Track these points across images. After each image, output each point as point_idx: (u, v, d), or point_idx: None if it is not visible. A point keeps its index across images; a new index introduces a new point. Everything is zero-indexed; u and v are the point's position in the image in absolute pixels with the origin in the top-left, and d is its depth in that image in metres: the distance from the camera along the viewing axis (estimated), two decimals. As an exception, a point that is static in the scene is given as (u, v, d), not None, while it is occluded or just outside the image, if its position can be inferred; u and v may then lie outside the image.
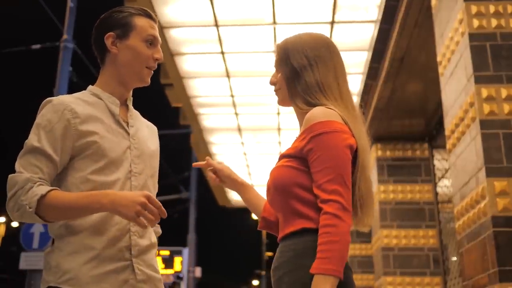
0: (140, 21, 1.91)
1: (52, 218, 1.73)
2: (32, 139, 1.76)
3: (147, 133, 1.99)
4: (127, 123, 1.91)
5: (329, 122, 1.65)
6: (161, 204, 1.65)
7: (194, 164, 2.09)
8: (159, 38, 1.96)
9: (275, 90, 1.89)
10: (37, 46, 10.75)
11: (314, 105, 1.74)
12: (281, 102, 1.89)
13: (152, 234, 1.92)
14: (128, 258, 1.76)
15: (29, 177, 1.70)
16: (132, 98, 2.00)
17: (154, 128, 2.10)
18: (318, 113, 1.68)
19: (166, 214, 1.68)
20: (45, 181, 1.74)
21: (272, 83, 1.89)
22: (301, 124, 1.83)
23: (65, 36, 9.64)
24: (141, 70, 1.91)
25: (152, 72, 1.95)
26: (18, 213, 1.70)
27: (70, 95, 1.89)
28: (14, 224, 26.73)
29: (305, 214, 1.65)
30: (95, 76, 2.08)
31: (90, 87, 1.95)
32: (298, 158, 1.69)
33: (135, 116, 1.98)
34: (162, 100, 9.26)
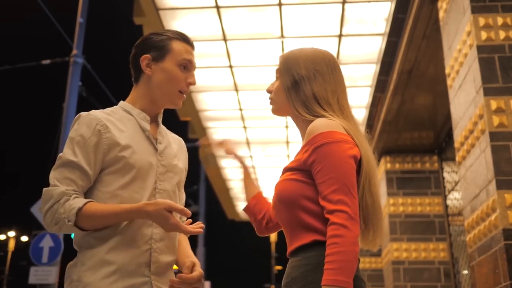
0: (177, 45, 1.95)
1: (90, 228, 1.76)
2: (67, 153, 1.79)
3: (176, 150, 2.02)
4: (156, 140, 1.94)
5: (331, 132, 1.65)
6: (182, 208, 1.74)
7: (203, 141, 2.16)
8: (195, 64, 1.99)
9: (269, 99, 1.91)
10: (47, 61, 10.85)
11: (314, 115, 1.75)
12: (275, 111, 1.91)
13: (175, 250, 1.92)
14: (147, 275, 1.78)
15: (64, 190, 1.74)
16: (162, 116, 2.03)
17: (183, 143, 2.13)
18: (320, 124, 1.68)
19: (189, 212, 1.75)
20: (79, 194, 1.78)
21: (268, 91, 1.91)
22: (302, 133, 1.84)
23: (74, 51, 9.73)
24: (173, 93, 1.95)
25: (184, 96, 1.99)
26: (57, 226, 1.74)
27: (101, 110, 1.93)
28: (24, 238, 26.85)
29: (314, 226, 1.63)
30: (104, 91, 2.11)
31: (121, 102, 1.99)
32: (302, 171, 1.68)
33: (164, 133, 2.01)
34: (170, 114, 9.30)
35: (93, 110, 1.91)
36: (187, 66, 1.96)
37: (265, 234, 2.03)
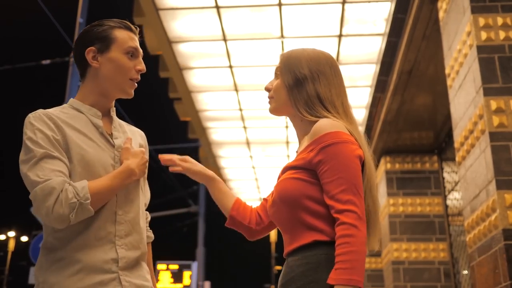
0: (120, 34, 1.91)
1: (97, 206, 1.73)
2: (36, 150, 1.71)
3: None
4: (111, 135, 1.90)
5: (338, 132, 1.65)
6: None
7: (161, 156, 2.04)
8: (140, 50, 1.96)
9: (268, 97, 1.89)
10: (47, 62, 10.84)
11: (315, 116, 1.74)
12: (274, 110, 1.88)
13: (143, 243, 1.90)
14: (115, 271, 1.75)
15: (62, 179, 1.67)
16: (115, 109, 1.99)
17: (143, 134, 2.09)
18: (325, 124, 1.68)
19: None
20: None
21: (267, 89, 1.89)
22: (298, 133, 1.84)
23: (74, 52, 9.72)
24: (123, 82, 1.90)
25: (136, 84, 1.95)
26: (73, 214, 1.65)
27: (51, 108, 1.88)
28: (24, 238, 26.83)
29: (315, 226, 1.63)
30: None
31: (71, 100, 1.93)
32: (307, 170, 1.67)
33: (119, 127, 1.97)
34: (170, 114, 9.31)
35: (40, 109, 1.85)
36: (134, 53, 1.92)
37: (257, 237, 1.99)
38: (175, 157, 2.02)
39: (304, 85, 1.78)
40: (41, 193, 1.66)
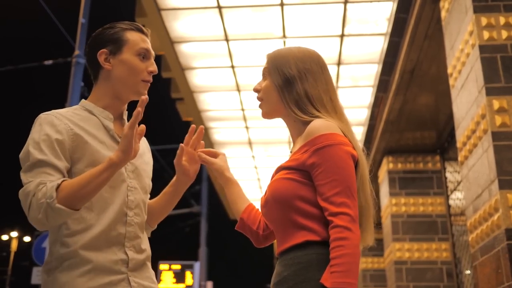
0: (132, 36, 1.93)
1: (77, 204, 1.68)
2: (34, 153, 1.73)
3: (141, 149, 1.97)
4: None
5: (332, 134, 1.65)
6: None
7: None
8: (152, 52, 1.97)
9: (258, 98, 1.88)
10: (50, 62, 10.85)
11: (308, 115, 1.74)
12: (266, 115, 1.88)
13: (148, 245, 1.92)
14: (124, 272, 1.77)
15: (39, 181, 1.68)
16: (127, 112, 2.01)
17: (147, 143, 2.11)
18: (319, 125, 1.67)
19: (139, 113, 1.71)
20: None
21: (256, 90, 1.89)
22: (292, 132, 1.83)
23: (77, 52, 9.73)
24: (136, 83, 1.91)
25: (149, 85, 1.96)
26: (41, 215, 1.64)
27: (63, 109, 1.89)
28: (26, 239, 26.88)
29: (307, 226, 1.63)
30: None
31: (82, 101, 1.94)
32: (300, 171, 1.67)
33: None
34: (173, 114, 9.31)
35: (53, 110, 1.86)
36: (146, 55, 1.93)
37: (263, 244, 1.97)
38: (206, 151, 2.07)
39: (294, 85, 1.78)
40: (21, 198, 1.70)
